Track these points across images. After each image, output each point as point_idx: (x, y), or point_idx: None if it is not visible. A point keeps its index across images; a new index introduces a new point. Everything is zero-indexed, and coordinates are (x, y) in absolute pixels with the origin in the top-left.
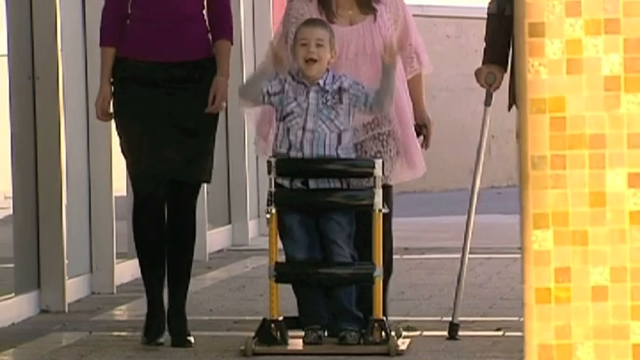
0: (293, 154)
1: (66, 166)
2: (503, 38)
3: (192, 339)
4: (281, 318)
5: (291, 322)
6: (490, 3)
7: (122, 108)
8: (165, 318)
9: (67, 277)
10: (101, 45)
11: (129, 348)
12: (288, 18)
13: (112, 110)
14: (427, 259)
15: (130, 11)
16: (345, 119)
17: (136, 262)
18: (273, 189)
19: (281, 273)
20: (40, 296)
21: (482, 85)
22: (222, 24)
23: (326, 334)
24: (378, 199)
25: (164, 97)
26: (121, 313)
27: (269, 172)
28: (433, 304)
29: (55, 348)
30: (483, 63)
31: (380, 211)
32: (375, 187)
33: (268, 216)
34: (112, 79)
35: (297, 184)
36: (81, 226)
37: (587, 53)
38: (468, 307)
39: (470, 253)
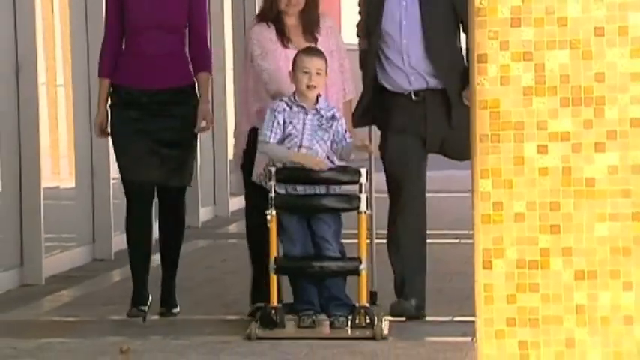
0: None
1: None
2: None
3: (177, 309)
4: (279, 304)
5: (287, 308)
6: (360, 43)
7: (116, 128)
8: (147, 294)
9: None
10: (99, 76)
11: (239, 249)
12: (250, 41)
13: (109, 129)
14: None
15: (124, 46)
16: (329, 144)
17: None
18: (273, 194)
19: (280, 266)
20: None
21: None
22: (203, 60)
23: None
24: (363, 202)
25: (149, 118)
26: (233, 227)
27: (269, 180)
28: None
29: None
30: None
31: (365, 213)
32: (360, 192)
33: (269, 217)
34: (109, 103)
35: (296, 189)
36: None
37: (513, 72)
38: (438, 224)
39: (436, 193)
